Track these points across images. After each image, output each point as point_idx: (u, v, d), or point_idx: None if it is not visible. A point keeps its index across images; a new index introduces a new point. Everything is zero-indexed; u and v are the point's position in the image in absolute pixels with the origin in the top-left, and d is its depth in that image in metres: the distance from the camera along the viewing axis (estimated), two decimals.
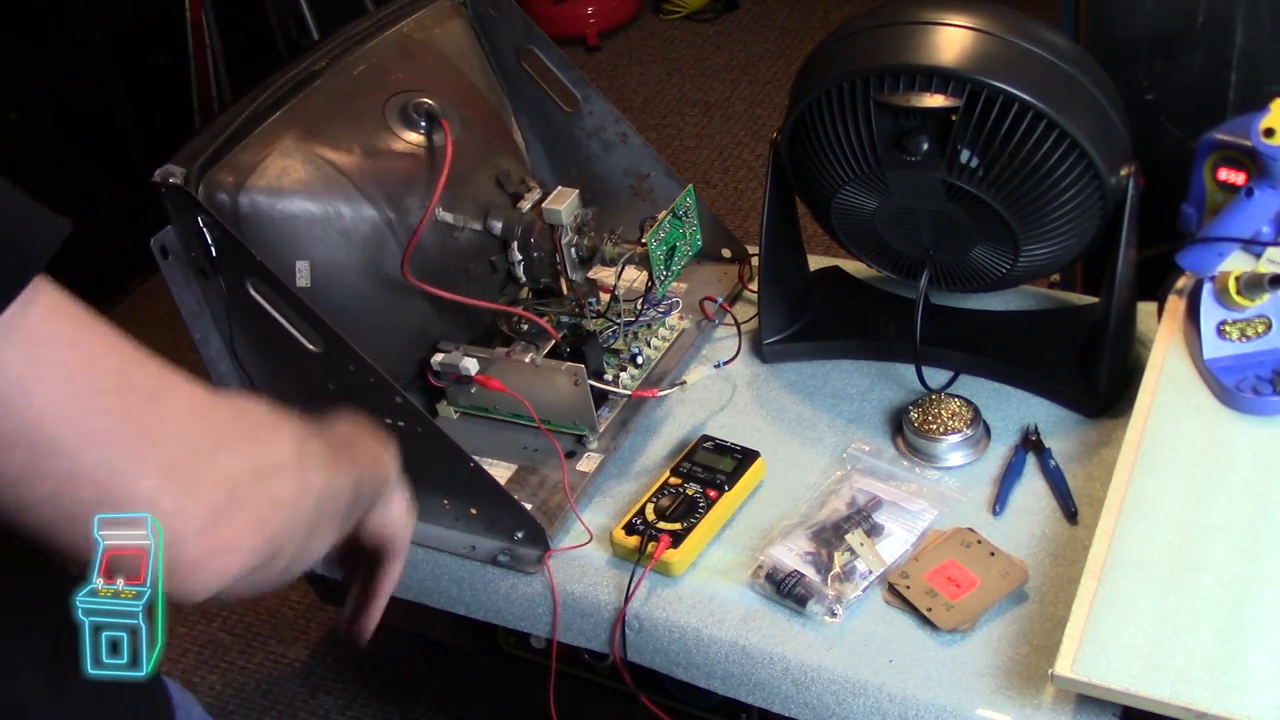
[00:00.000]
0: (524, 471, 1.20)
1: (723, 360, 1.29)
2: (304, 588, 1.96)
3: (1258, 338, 1.06)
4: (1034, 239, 1.12)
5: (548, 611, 1.11)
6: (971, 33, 1.06)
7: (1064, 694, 0.92)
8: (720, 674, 1.04)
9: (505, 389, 1.19)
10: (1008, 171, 1.06)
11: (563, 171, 1.43)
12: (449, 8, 1.33)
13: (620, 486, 1.19)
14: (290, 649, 1.92)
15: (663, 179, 1.38)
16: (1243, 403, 1.03)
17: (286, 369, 1.13)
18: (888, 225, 1.19)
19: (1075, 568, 0.97)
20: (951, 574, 1.02)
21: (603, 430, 1.22)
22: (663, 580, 1.08)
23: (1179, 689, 0.84)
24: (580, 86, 1.36)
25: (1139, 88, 1.40)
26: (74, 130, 2.69)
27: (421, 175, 1.18)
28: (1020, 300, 1.31)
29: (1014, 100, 1.02)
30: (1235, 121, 1.13)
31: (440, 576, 1.17)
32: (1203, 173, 1.16)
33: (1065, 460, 1.12)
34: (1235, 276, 1.05)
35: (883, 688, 0.97)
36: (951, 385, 1.21)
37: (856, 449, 1.17)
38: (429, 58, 1.28)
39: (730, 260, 1.42)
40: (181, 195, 1.05)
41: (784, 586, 1.03)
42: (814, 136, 1.14)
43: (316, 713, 1.81)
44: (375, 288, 1.17)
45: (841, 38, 1.13)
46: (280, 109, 1.15)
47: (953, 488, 1.11)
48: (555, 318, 1.27)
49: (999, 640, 0.98)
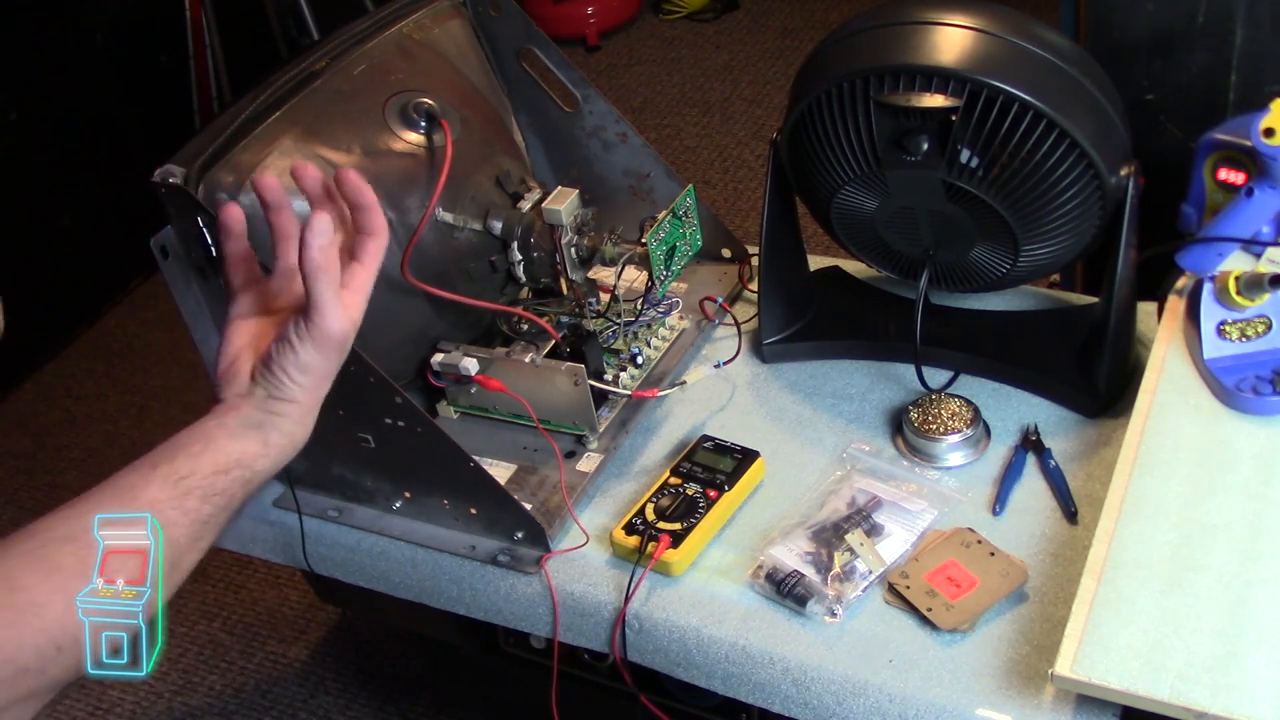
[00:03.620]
0: (524, 472, 1.20)
1: (723, 360, 1.29)
2: (304, 588, 1.97)
3: (1258, 338, 1.06)
4: (1034, 239, 1.12)
5: (548, 611, 1.11)
6: (971, 33, 1.06)
7: (1064, 694, 0.92)
8: (720, 674, 1.04)
9: (505, 389, 1.19)
10: (1008, 171, 1.06)
11: (563, 171, 1.43)
12: (449, 8, 1.33)
13: (620, 486, 1.19)
14: (290, 649, 1.92)
15: (663, 179, 1.38)
16: (1243, 403, 1.03)
17: None
18: (888, 225, 1.19)
19: (1075, 568, 0.97)
20: (951, 574, 1.02)
21: (603, 430, 1.22)
22: (663, 580, 1.08)
23: (1179, 689, 0.84)
24: (580, 86, 1.36)
25: (1139, 88, 1.40)
26: (74, 130, 2.69)
27: (421, 175, 1.18)
28: (1020, 300, 1.31)
29: (1014, 100, 1.02)
30: (1235, 121, 1.13)
31: (440, 576, 1.17)
32: (1203, 173, 1.16)
33: (1065, 460, 1.12)
34: (1235, 276, 1.05)
35: (883, 688, 0.97)
36: (951, 385, 1.21)
37: (856, 449, 1.17)
38: (429, 58, 1.27)
39: (730, 260, 1.42)
40: (181, 195, 1.05)
41: (784, 586, 1.03)
42: (814, 136, 1.14)
43: (316, 713, 1.82)
44: (375, 288, 1.17)
45: (841, 38, 1.13)
46: (280, 109, 1.15)
47: (953, 488, 1.11)
48: (555, 318, 1.27)
49: (999, 640, 0.98)
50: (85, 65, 2.69)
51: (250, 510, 1.26)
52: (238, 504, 0.76)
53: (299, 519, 1.22)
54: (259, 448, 0.77)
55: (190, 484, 0.72)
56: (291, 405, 0.78)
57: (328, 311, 0.76)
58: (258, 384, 0.78)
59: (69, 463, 2.39)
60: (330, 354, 0.78)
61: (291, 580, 2.01)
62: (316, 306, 0.76)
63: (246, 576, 2.05)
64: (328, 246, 0.76)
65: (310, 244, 0.75)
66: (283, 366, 0.77)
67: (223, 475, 0.74)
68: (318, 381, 0.79)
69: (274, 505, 1.25)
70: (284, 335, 0.77)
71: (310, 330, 0.76)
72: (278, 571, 2.03)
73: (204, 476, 0.73)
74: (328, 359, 0.78)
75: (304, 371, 0.77)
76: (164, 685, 1.90)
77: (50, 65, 2.60)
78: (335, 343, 0.78)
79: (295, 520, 1.22)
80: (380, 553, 1.20)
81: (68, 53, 2.64)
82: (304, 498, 1.22)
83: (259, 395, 0.78)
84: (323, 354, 0.77)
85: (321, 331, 0.76)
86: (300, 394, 0.78)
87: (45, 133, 2.62)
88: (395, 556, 1.19)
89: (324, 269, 0.76)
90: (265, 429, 0.77)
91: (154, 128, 2.79)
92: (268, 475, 0.78)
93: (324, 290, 0.76)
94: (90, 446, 2.43)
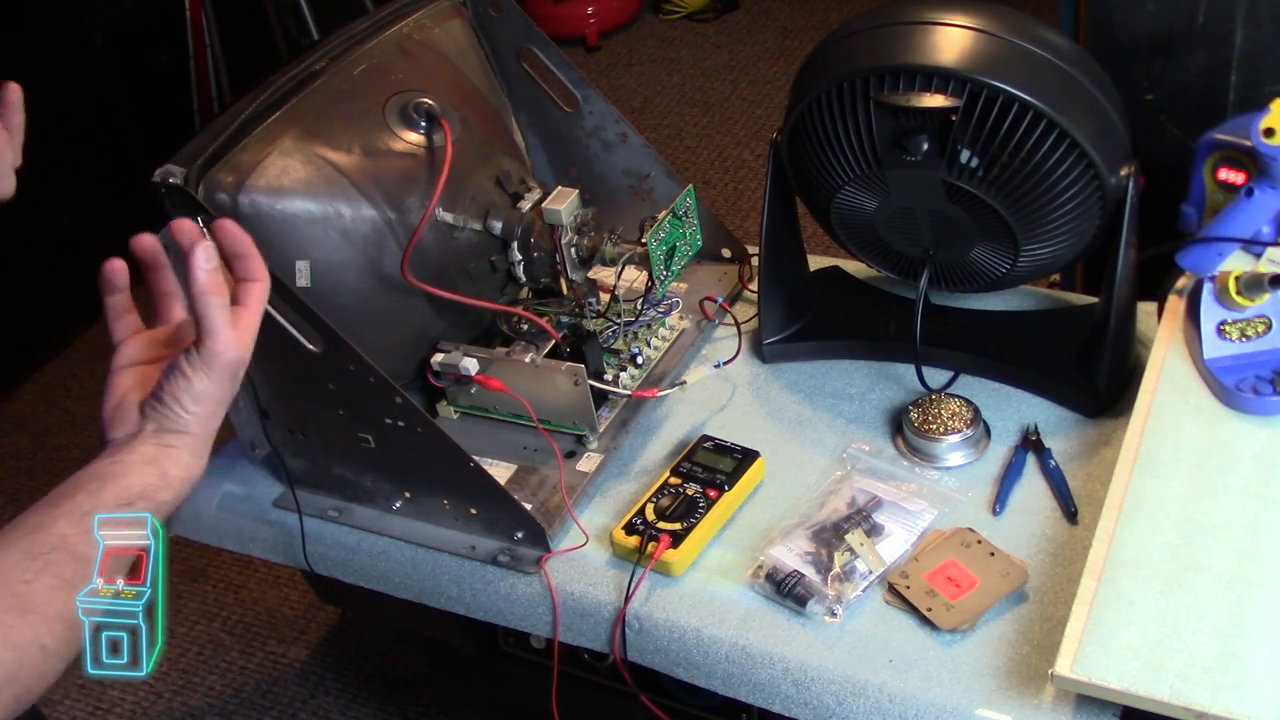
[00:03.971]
0: (524, 472, 1.20)
1: (723, 360, 1.29)
2: (304, 588, 1.97)
3: (1258, 338, 1.06)
4: (1034, 239, 1.12)
5: (548, 611, 1.11)
6: (971, 33, 1.05)
7: (1064, 694, 0.92)
8: (720, 674, 1.04)
9: (505, 389, 1.19)
10: (1008, 171, 1.06)
11: (563, 171, 1.43)
12: (449, 8, 1.33)
13: (620, 486, 1.19)
14: (290, 649, 1.92)
15: (663, 179, 1.38)
16: (1243, 403, 1.03)
17: (286, 369, 1.13)
18: (888, 225, 1.19)
19: (1075, 568, 0.97)
20: (951, 574, 1.02)
21: (603, 430, 1.22)
22: (663, 580, 1.08)
23: (1179, 689, 0.84)
24: (580, 86, 1.36)
25: (1139, 88, 1.40)
26: (74, 130, 2.69)
27: (421, 175, 1.18)
28: (1020, 300, 1.31)
29: (1014, 100, 1.02)
30: (1235, 121, 1.13)
31: (440, 576, 1.17)
32: (1203, 173, 1.16)
33: (1065, 460, 1.12)
34: (1235, 276, 1.05)
35: (883, 688, 0.97)
36: (951, 385, 1.21)
37: (856, 449, 1.17)
38: (429, 58, 1.27)
39: (730, 260, 1.42)
40: (181, 195, 1.05)
41: (784, 586, 1.03)
42: (814, 136, 1.14)
43: (316, 713, 1.81)
44: (375, 288, 1.17)
45: (841, 38, 1.13)
46: (280, 109, 1.15)
47: (953, 488, 1.11)
48: (555, 318, 1.27)
49: (999, 640, 0.98)
50: (85, 65, 2.69)
51: (250, 510, 1.27)
52: None
53: (299, 519, 1.22)
54: (158, 479, 0.75)
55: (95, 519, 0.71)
56: (185, 437, 0.77)
57: (219, 335, 0.75)
58: (148, 418, 0.77)
59: (69, 463, 2.39)
60: (224, 380, 0.77)
61: (291, 580, 2.01)
62: (208, 331, 0.75)
63: (246, 576, 2.05)
64: (214, 271, 0.75)
65: (198, 267, 0.74)
66: (175, 396, 0.76)
67: (127, 508, 0.72)
68: (211, 410, 0.77)
69: (274, 505, 1.26)
70: (175, 365, 0.76)
71: (202, 355, 0.75)
72: (278, 571, 2.03)
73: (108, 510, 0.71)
74: (220, 385, 0.77)
75: (197, 400, 0.76)
76: (164, 685, 1.90)
77: (50, 65, 2.60)
78: (228, 367, 0.76)
79: (295, 520, 1.22)
80: (380, 553, 1.20)
81: (68, 53, 2.64)
82: (304, 498, 1.22)
83: (149, 430, 0.76)
84: (215, 381, 0.76)
85: (214, 355, 0.75)
86: (194, 424, 0.77)
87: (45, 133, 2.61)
88: (395, 556, 1.19)
89: (212, 292, 0.75)
90: (161, 462, 0.76)
91: (154, 128, 2.79)
92: (171, 507, 0.76)
93: (215, 314, 0.75)
94: (90, 446, 2.40)
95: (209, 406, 0.77)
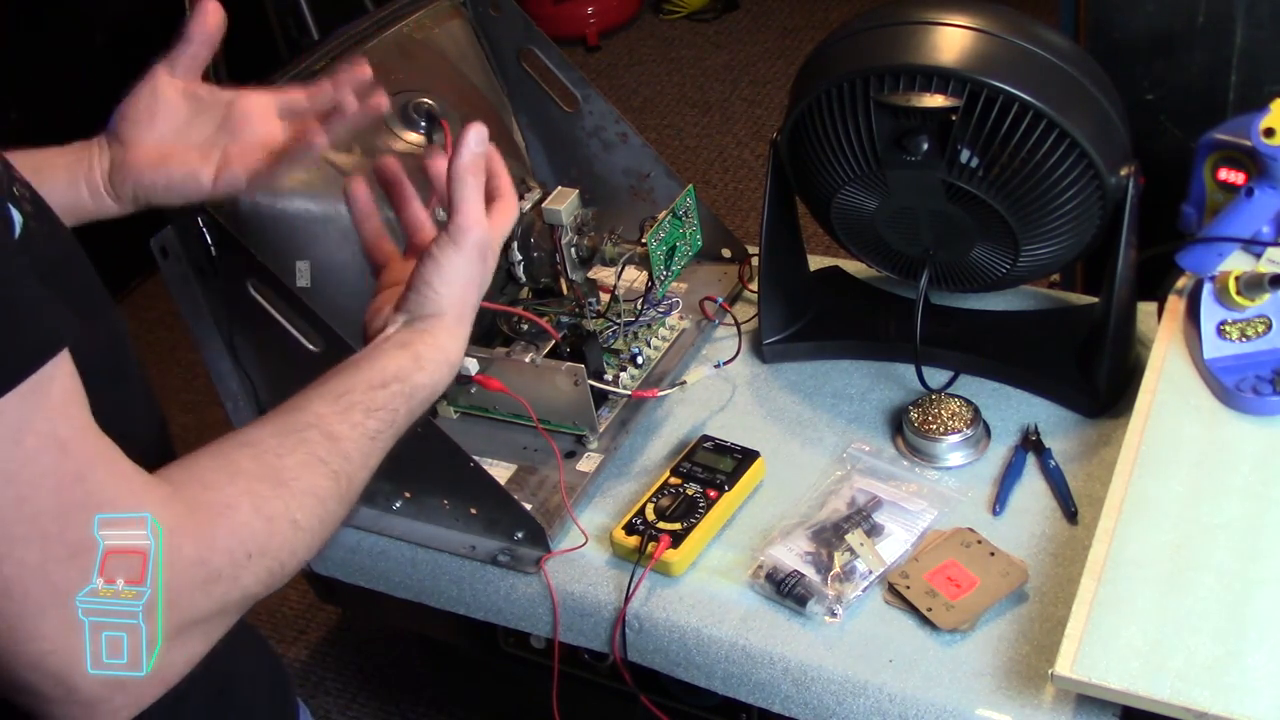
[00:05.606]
0: (524, 472, 1.20)
1: (723, 360, 1.29)
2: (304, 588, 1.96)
3: (1258, 338, 1.06)
4: (1034, 239, 1.12)
5: (548, 611, 1.11)
6: (971, 33, 1.06)
7: (1064, 694, 0.92)
8: (720, 674, 1.04)
9: (505, 389, 1.19)
10: (1008, 171, 1.06)
11: (563, 171, 1.43)
12: (449, 8, 1.33)
13: (620, 486, 1.19)
14: (290, 649, 1.92)
15: (663, 179, 1.38)
16: (1243, 403, 1.03)
17: (286, 369, 1.13)
18: (888, 225, 1.19)
19: (1075, 568, 0.97)
20: (951, 574, 1.02)
21: (603, 430, 1.22)
22: (663, 580, 1.08)
23: (1179, 689, 0.84)
24: (580, 86, 1.36)
25: (1139, 88, 1.40)
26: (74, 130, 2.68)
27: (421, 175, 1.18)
28: (1020, 300, 1.31)
29: (1014, 100, 1.02)
30: (1235, 121, 1.13)
31: (440, 576, 1.17)
32: (1203, 173, 1.16)
33: (1065, 460, 1.12)
34: (1235, 276, 1.05)
35: (883, 688, 0.97)
36: (951, 385, 1.21)
37: (856, 449, 1.17)
38: (429, 58, 1.27)
39: (730, 260, 1.42)
40: None
41: (784, 586, 1.03)
42: (814, 136, 1.14)
43: (316, 713, 1.81)
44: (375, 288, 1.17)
45: (841, 38, 1.13)
46: None
47: (953, 488, 1.11)
48: (555, 318, 1.27)
49: (999, 640, 0.98)
50: (85, 65, 2.69)
51: None
52: (401, 421, 0.74)
53: None
54: (411, 362, 0.75)
55: (351, 399, 0.71)
56: (437, 319, 0.77)
57: (470, 212, 0.76)
58: (400, 311, 0.78)
59: None
60: (472, 259, 0.77)
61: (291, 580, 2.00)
62: (459, 208, 0.76)
63: None
64: (479, 156, 0.77)
65: (466, 146, 0.76)
66: (425, 279, 0.76)
67: (381, 390, 0.72)
68: (461, 290, 0.77)
69: None
70: (426, 252, 0.77)
71: (451, 233, 0.76)
72: None
73: (362, 392, 0.72)
74: (470, 264, 0.77)
75: (446, 281, 0.76)
76: None
77: (50, 65, 2.60)
78: (475, 246, 0.77)
79: None
80: (380, 553, 1.20)
81: (68, 53, 2.64)
82: None
83: (401, 320, 0.77)
84: (465, 259, 0.76)
85: (462, 232, 0.76)
86: (445, 304, 0.77)
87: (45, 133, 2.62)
88: (395, 556, 1.19)
89: (471, 172, 0.76)
90: (414, 345, 0.76)
91: None
92: (429, 392, 0.76)
93: (468, 193, 0.76)
94: None
95: (459, 286, 0.77)
